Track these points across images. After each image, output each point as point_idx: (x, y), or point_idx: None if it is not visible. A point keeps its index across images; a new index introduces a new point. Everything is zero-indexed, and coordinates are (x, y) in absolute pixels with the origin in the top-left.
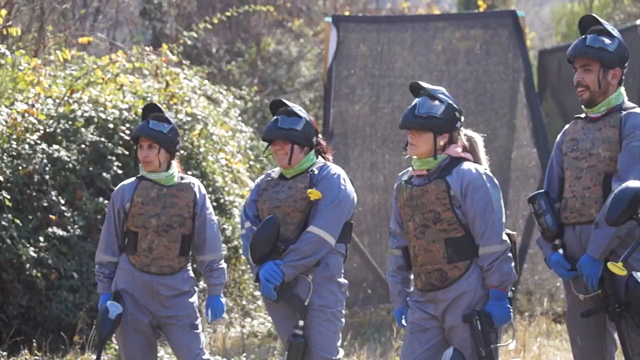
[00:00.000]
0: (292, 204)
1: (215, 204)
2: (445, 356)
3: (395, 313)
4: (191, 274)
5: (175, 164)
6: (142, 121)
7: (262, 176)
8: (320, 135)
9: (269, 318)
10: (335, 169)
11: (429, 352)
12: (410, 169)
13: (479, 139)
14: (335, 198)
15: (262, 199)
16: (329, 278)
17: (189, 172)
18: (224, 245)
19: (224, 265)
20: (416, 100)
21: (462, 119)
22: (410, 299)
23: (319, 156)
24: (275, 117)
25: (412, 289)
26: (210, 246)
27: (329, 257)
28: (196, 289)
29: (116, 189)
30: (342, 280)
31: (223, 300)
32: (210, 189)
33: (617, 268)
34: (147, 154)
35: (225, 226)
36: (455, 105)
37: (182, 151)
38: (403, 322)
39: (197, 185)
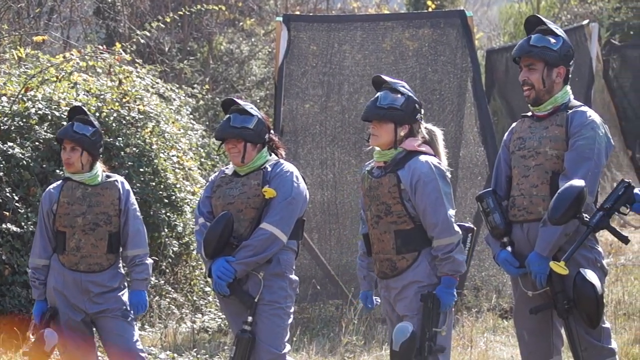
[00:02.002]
0: (245, 201)
1: (166, 200)
2: (396, 331)
3: (361, 296)
4: (121, 270)
5: (99, 164)
6: (67, 123)
7: (216, 173)
8: (272, 132)
9: (220, 314)
10: (288, 166)
11: None
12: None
13: (439, 133)
14: (288, 195)
15: (216, 196)
16: (280, 275)
17: (141, 169)
18: (175, 242)
19: (149, 261)
20: (378, 93)
21: (422, 111)
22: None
23: (272, 153)
24: (227, 116)
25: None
26: (133, 241)
27: (280, 253)
28: (126, 284)
29: (44, 192)
30: (293, 277)
31: (146, 295)
32: (162, 186)
33: (558, 267)
34: (69, 156)
35: (176, 223)
36: (415, 98)
37: (134, 148)
38: (368, 305)
39: (121, 181)
